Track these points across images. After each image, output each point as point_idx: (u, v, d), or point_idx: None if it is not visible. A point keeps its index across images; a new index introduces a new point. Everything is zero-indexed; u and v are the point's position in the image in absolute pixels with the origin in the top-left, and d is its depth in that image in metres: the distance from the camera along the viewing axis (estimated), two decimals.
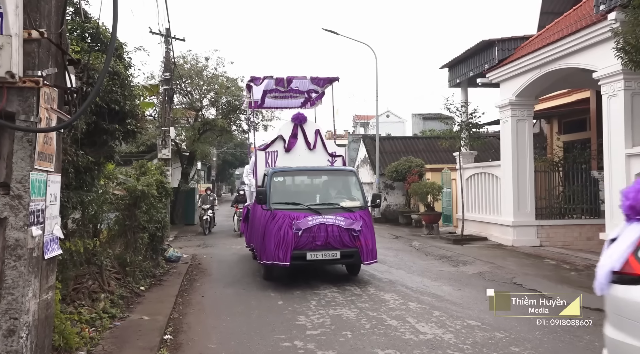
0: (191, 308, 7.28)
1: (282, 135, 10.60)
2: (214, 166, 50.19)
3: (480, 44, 14.55)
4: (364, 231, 8.32)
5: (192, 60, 22.02)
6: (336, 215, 8.30)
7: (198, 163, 31.75)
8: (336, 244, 8.17)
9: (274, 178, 9.04)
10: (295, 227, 8.08)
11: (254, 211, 9.77)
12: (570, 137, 16.44)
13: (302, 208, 8.46)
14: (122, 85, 6.64)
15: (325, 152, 10.59)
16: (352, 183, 9.36)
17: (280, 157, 10.42)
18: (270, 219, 8.32)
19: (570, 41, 10.35)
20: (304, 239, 8.08)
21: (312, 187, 10.00)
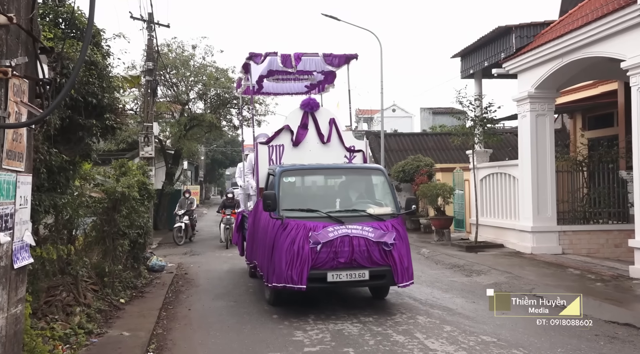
0: (177, 323, 7.27)
1: (289, 125, 9.37)
2: (202, 165, 50.22)
3: (496, 31, 14.55)
4: (397, 244, 7.30)
5: (178, 48, 22.02)
6: (363, 225, 7.31)
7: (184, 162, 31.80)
8: (364, 262, 7.16)
9: (284, 178, 8.00)
10: (313, 240, 7.03)
11: (257, 219, 8.70)
12: (595, 133, 16.44)
13: (320, 216, 7.40)
14: (100, 76, 6.63)
15: (341, 147, 9.48)
16: (381, 184, 8.37)
17: (287, 153, 9.30)
18: (281, 231, 7.27)
19: (595, 27, 10.35)
20: (324, 256, 7.05)
21: (330, 190, 8.97)
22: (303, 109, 9.46)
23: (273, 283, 7.26)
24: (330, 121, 9.50)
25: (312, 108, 9.47)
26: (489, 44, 15.34)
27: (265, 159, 9.25)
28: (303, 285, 7.01)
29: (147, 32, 17.02)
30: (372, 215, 7.62)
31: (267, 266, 7.59)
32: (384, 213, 7.74)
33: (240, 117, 22.85)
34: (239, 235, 10.95)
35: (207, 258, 13.65)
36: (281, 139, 9.39)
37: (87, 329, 6.23)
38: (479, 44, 15.77)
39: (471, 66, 16.61)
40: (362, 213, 7.67)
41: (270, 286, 7.45)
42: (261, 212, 8.13)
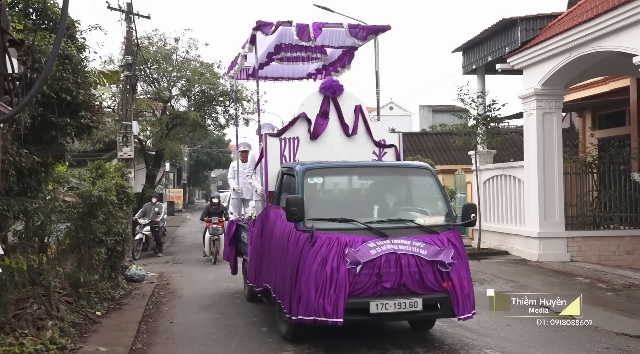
0: (157, 337, 7.22)
1: (306, 113, 7.96)
2: (186, 167, 50.09)
3: (500, 24, 14.62)
4: (456, 264, 6.06)
5: (159, 41, 21.91)
6: (412, 239, 6.04)
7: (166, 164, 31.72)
8: (415, 287, 5.89)
9: (308, 179, 6.68)
10: (350, 259, 5.76)
11: (268, 231, 7.24)
12: (606, 132, 16.56)
13: (356, 228, 6.16)
14: (74, 71, 6.61)
15: (369, 140, 8.15)
16: (429, 187, 7.04)
17: (303, 148, 7.94)
18: (308, 247, 5.97)
19: (606, 20, 10.43)
20: (365, 280, 5.78)
21: (366, 194, 7.55)
22: (323, 93, 8.02)
23: (300, 316, 5.89)
24: (356, 109, 8.13)
25: (335, 92, 8.03)
26: (493, 38, 15.41)
27: (276, 155, 7.88)
28: (339, 318, 5.68)
29: (126, 23, 16.96)
30: (423, 226, 6.35)
31: (288, 292, 6.18)
32: (437, 224, 6.47)
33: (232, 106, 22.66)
34: (231, 249, 9.68)
35: (191, 267, 13.59)
36: (296, 131, 7.99)
37: (60, 344, 6.17)
38: (482, 37, 15.85)
39: (473, 61, 16.69)
40: (409, 224, 6.43)
41: (294, 319, 6.02)
42: (275, 222, 6.92)
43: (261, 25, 8.04)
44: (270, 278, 6.98)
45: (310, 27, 8.13)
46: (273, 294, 6.80)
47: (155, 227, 15.52)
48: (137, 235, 14.87)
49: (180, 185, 47.02)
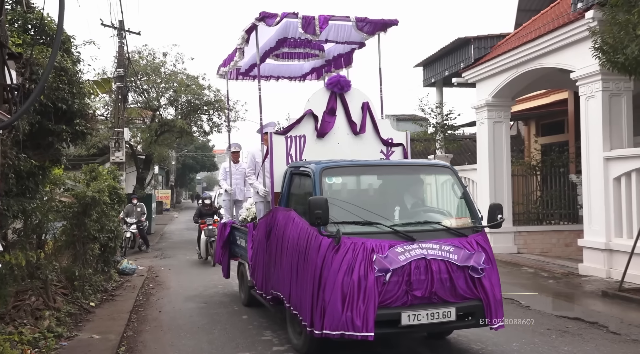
0: (147, 325, 7.14)
1: (312, 110, 6.99)
2: (173, 170, 49.60)
3: (456, 42, 14.84)
4: (488, 270, 5.18)
5: (149, 55, 21.78)
6: (440, 242, 5.14)
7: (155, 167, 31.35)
8: (447, 295, 4.98)
9: (326, 179, 5.64)
10: (379, 266, 4.81)
11: (277, 235, 6.08)
12: (548, 139, 16.91)
13: (381, 231, 5.18)
14: (70, 82, 6.50)
15: (377, 139, 7.24)
16: (450, 187, 6.10)
17: (310, 146, 6.96)
18: (332, 253, 4.97)
19: (547, 40, 10.66)
20: (395, 288, 4.85)
21: (385, 195, 6.33)
22: (330, 89, 7.06)
23: (325, 330, 4.88)
24: (363, 106, 7.21)
25: (343, 88, 7.07)
26: (449, 54, 15.62)
27: (282, 155, 6.83)
28: (370, 332, 4.74)
29: (118, 39, 16.75)
30: (451, 229, 5.43)
31: (309, 304, 5.13)
32: (465, 226, 5.56)
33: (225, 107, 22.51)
34: (224, 252, 8.64)
35: (178, 261, 13.44)
36: (302, 129, 6.96)
37: (57, 332, 6.06)
38: (440, 54, 16.05)
39: (433, 75, 16.89)
40: (436, 226, 5.47)
41: (318, 333, 4.98)
42: (286, 226, 5.85)
43: (265, 16, 6.86)
44: (282, 286, 5.82)
45: (316, 20, 7.09)
46: (287, 304, 5.63)
47: (140, 226, 15.24)
48: (126, 233, 14.37)
49: (168, 186, 46.50)
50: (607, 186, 9.40)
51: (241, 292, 8.39)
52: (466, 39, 14.46)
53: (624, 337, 6.14)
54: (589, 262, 9.82)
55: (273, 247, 6.15)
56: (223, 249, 8.64)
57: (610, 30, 7.43)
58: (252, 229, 7.13)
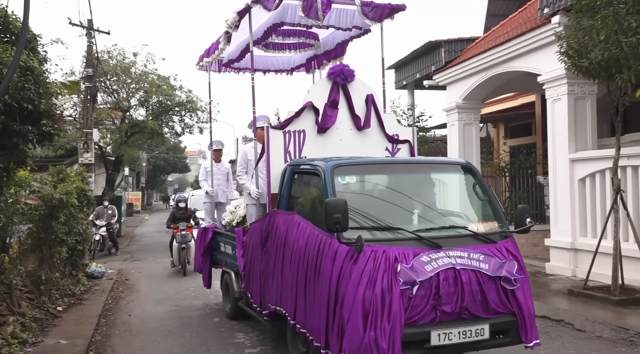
0: (116, 329, 7.01)
1: (313, 102, 6.26)
2: (144, 171, 48.89)
3: (427, 45, 15.01)
4: (521, 281, 4.55)
5: (119, 55, 21.45)
6: (468, 250, 4.47)
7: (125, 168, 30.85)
8: (478, 310, 4.33)
9: (338, 178, 4.89)
10: (404, 278, 4.12)
11: (280, 241, 5.30)
12: (516, 141, 17.23)
13: (403, 238, 4.49)
14: (36, 81, 6.32)
15: (382, 135, 6.54)
16: (471, 187, 5.36)
17: (310, 142, 6.26)
18: (350, 263, 4.25)
19: (515, 44, 10.86)
20: (422, 303, 4.16)
21: (402, 196, 5.32)
22: (332, 79, 6.32)
23: (343, 353, 4.19)
24: (367, 99, 6.49)
25: (346, 78, 6.34)
26: (421, 57, 15.79)
27: (280, 151, 6.12)
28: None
29: (87, 38, 16.42)
30: (478, 234, 4.76)
31: (322, 322, 4.41)
32: (493, 231, 4.87)
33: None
34: (204, 259, 7.91)
35: (149, 264, 13.24)
36: (302, 123, 6.24)
37: (21, 338, 5.90)
38: (411, 57, 16.20)
39: (404, 78, 17.04)
40: (461, 231, 4.81)
41: None
42: (288, 232, 5.13)
43: None
44: (285, 301, 5.08)
45: (318, 3, 6.42)
46: (291, 321, 4.91)
47: (110, 228, 14.95)
48: (96, 236, 14.12)
49: (139, 188, 45.82)
50: (573, 187, 9.64)
51: (226, 304, 7.55)
52: (437, 42, 14.63)
53: (589, 334, 6.30)
54: (556, 262, 10.04)
55: (272, 256, 5.39)
56: (204, 256, 7.87)
57: (575, 35, 7.62)
58: (242, 234, 6.35)
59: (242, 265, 6.23)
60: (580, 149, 9.70)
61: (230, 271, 7.15)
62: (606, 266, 7.92)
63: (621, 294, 7.55)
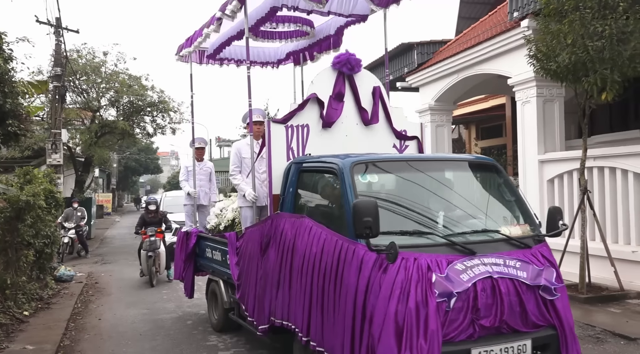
0: (86, 333, 6.87)
1: (317, 94, 5.69)
2: (115, 173, 48.10)
3: (400, 47, 15.13)
4: (560, 290, 4.07)
5: (88, 54, 21.06)
6: (503, 255, 3.99)
7: (96, 170, 30.32)
8: (518, 324, 3.84)
9: (358, 177, 4.33)
10: (440, 289, 3.63)
11: (286, 248, 4.73)
12: (487, 142, 17.52)
13: (434, 243, 3.98)
14: (1, 80, 6.18)
15: (390, 131, 6.07)
16: (499, 187, 4.85)
17: (314, 138, 5.69)
18: (379, 273, 3.73)
19: (485, 47, 11.04)
20: (459, 317, 3.67)
21: (428, 196, 4.73)
22: (337, 69, 5.78)
23: None
24: (375, 91, 6.00)
25: (353, 68, 5.81)
26: (394, 59, 15.90)
27: (282, 148, 5.53)
28: None
29: (55, 37, 16.04)
30: (512, 238, 4.20)
31: (347, 340, 3.85)
32: (526, 235, 4.34)
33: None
34: (187, 267, 7.30)
35: (120, 266, 13.01)
36: (305, 116, 5.67)
37: None
38: (383, 60, 16.30)
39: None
40: (494, 236, 4.25)
41: None
42: (297, 237, 4.59)
43: None
44: (295, 315, 4.50)
45: None
46: (303, 337, 4.33)
47: (79, 231, 14.66)
48: (64, 238, 13.79)
49: (110, 190, 45.01)
50: (542, 187, 9.84)
51: (212, 315, 6.94)
52: (410, 44, 14.77)
53: None
54: None
55: (275, 264, 4.82)
56: (186, 263, 7.27)
57: (544, 39, 7.78)
58: (235, 240, 5.80)
59: (237, 274, 5.61)
60: (549, 150, 9.92)
61: (219, 280, 6.55)
62: (574, 265, 8.10)
63: (588, 292, 7.74)
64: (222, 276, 6.39)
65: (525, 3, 9.79)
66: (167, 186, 60.91)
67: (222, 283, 6.47)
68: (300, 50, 7.98)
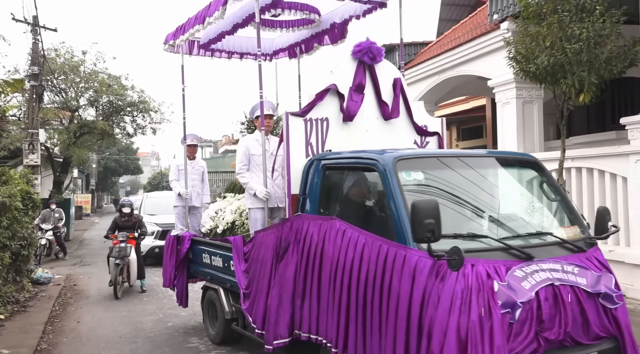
0: (64, 337, 6.77)
1: (337, 85, 5.22)
2: (94, 173, 47.47)
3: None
4: (620, 298, 3.72)
5: (67, 53, 20.76)
6: (560, 260, 3.62)
7: (74, 170, 29.86)
8: (580, 336, 3.50)
9: (403, 175, 3.86)
10: (503, 299, 3.24)
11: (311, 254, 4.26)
12: (468, 143, 17.69)
13: (489, 248, 3.56)
14: None
15: (410, 126, 5.66)
16: (543, 185, 4.47)
17: (334, 133, 5.20)
18: (437, 282, 3.33)
19: (466, 49, 11.16)
20: (524, 330, 3.30)
21: (474, 196, 4.24)
22: (357, 58, 5.30)
23: None
24: (395, 83, 5.56)
25: (375, 58, 5.33)
26: None
27: (301, 143, 5.03)
28: None
29: (32, 35, 15.78)
30: (568, 242, 3.86)
31: None
32: (578, 237, 3.99)
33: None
34: (179, 273, 6.77)
35: (99, 268, 12.83)
36: (325, 109, 5.18)
37: None
38: None
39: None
40: (547, 239, 3.89)
41: None
42: (329, 241, 4.09)
43: None
44: (327, 328, 4.04)
45: None
46: None
47: (57, 232, 14.38)
48: (42, 240, 13.49)
49: (89, 190, 44.41)
50: None
51: (210, 327, 6.39)
52: (392, 46, 14.82)
53: None
54: None
55: (298, 271, 4.35)
56: (178, 269, 6.73)
57: (523, 41, 7.89)
58: (242, 244, 5.29)
59: (245, 282, 5.06)
60: (528, 151, 10.04)
61: (218, 288, 6.01)
62: None
63: None
64: (224, 284, 5.86)
65: (505, 5, 9.93)
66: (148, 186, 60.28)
67: (222, 291, 5.93)
68: (295, 44, 7.54)
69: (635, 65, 7.48)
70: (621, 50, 7.28)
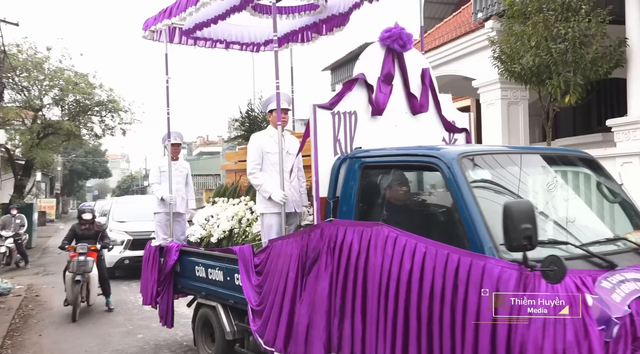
0: (25, 351, 6.62)
1: (365, 75, 4.80)
2: (59, 176, 46.70)
3: (364, 47, 15.20)
4: None
5: (30, 49, 20.38)
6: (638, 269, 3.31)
7: (37, 173, 29.33)
8: None
9: (471, 173, 3.56)
10: (598, 314, 2.90)
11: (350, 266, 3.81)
12: None
13: (570, 256, 3.23)
14: None
15: (439, 121, 5.28)
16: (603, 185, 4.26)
17: (362, 128, 4.75)
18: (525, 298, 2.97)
19: (450, 48, 11.28)
20: (617, 350, 2.93)
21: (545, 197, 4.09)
22: (386, 45, 4.90)
23: None
24: (424, 74, 5.16)
25: (405, 45, 4.94)
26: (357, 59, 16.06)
27: (329, 139, 4.57)
28: None
29: None
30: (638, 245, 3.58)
31: None
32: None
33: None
34: (164, 289, 6.21)
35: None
36: (352, 101, 4.75)
37: None
38: (348, 58, 16.49)
39: (341, 79, 17.29)
40: (622, 244, 3.67)
41: None
42: (374, 249, 3.69)
43: None
44: (377, 350, 3.60)
45: None
46: None
47: (18, 239, 14.03)
48: (1, 248, 13.26)
49: (53, 195, 43.66)
50: None
51: (205, 348, 5.84)
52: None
53: None
54: None
55: (334, 285, 3.91)
56: (163, 284, 6.16)
57: (508, 40, 8.00)
58: (252, 255, 4.81)
59: (257, 299, 4.62)
60: None
61: (217, 304, 5.50)
62: None
63: None
64: (224, 300, 5.35)
65: (489, 4, 10.06)
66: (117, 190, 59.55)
67: (221, 309, 5.42)
68: (291, 32, 7.15)
69: (621, 66, 7.64)
70: (607, 50, 7.44)
